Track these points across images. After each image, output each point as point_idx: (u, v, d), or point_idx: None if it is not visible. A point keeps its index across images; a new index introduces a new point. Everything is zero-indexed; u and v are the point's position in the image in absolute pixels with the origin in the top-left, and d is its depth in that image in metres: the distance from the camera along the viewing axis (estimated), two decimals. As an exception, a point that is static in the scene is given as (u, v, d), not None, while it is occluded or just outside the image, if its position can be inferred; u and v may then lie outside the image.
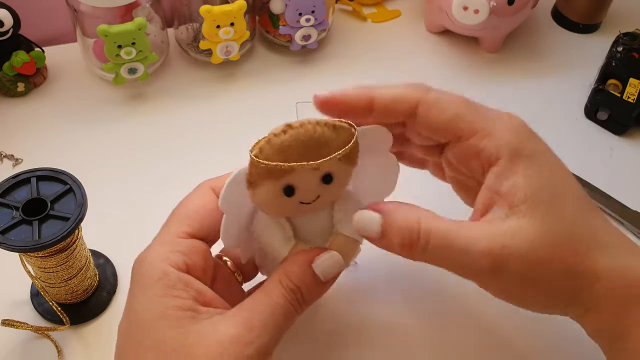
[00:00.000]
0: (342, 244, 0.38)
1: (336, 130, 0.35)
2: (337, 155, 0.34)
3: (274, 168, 0.34)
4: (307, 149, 0.34)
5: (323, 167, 0.35)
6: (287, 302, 0.35)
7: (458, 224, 0.36)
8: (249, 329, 0.34)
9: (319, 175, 0.35)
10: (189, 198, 0.39)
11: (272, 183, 0.35)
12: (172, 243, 0.37)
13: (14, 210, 0.41)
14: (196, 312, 0.34)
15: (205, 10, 0.58)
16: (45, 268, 0.43)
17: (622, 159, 0.61)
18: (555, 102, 0.66)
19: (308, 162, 0.34)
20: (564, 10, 0.73)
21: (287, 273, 0.36)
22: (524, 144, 0.36)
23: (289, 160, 0.34)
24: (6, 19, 0.58)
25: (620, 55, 0.63)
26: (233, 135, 0.60)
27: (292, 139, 0.34)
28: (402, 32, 0.72)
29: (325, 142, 0.34)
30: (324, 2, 0.62)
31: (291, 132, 0.34)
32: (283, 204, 0.36)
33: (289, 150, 0.34)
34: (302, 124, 0.34)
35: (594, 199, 0.56)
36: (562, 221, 0.35)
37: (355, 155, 0.36)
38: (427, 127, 0.38)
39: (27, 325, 0.45)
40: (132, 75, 0.60)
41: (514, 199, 0.35)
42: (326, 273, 0.36)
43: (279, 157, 0.34)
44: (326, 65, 0.68)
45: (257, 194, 0.35)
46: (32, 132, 0.59)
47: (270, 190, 0.35)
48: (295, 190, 0.35)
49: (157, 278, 0.35)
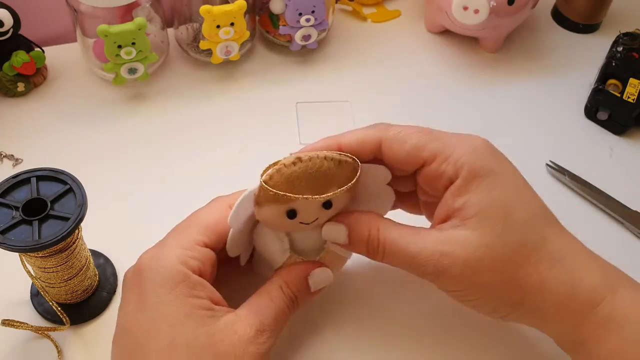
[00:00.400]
0: (332, 260, 0.43)
1: (341, 166, 0.39)
2: (342, 191, 0.38)
3: (282, 196, 0.37)
4: (313, 181, 0.38)
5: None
6: (286, 307, 0.40)
7: (412, 232, 0.40)
8: (261, 331, 0.38)
9: (320, 202, 0.39)
10: (208, 210, 0.42)
11: (277, 206, 0.38)
12: (191, 249, 0.39)
13: (14, 210, 0.41)
14: (213, 312, 0.38)
15: (205, 10, 0.58)
16: (45, 268, 0.43)
17: (622, 159, 0.61)
18: (555, 102, 0.66)
19: (313, 196, 0.38)
20: (564, 10, 0.73)
21: (287, 282, 0.41)
22: (479, 164, 0.39)
23: (296, 190, 0.37)
24: (6, 19, 0.58)
25: (620, 55, 0.63)
26: (233, 135, 0.60)
27: (300, 172, 0.37)
28: (402, 32, 0.72)
29: (331, 176, 0.38)
30: (324, 2, 0.62)
31: (300, 165, 0.37)
32: (284, 224, 0.40)
33: (296, 181, 0.37)
34: (311, 158, 0.38)
35: (594, 199, 0.57)
36: (508, 234, 0.38)
37: (356, 186, 0.40)
38: (393, 161, 0.41)
39: (27, 325, 0.45)
40: (132, 75, 0.60)
41: (465, 213, 0.39)
42: (317, 285, 0.42)
43: (287, 186, 0.37)
44: (326, 65, 0.68)
45: (262, 212, 0.39)
46: (32, 132, 0.59)
47: (275, 212, 0.39)
48: (297, 214, 0.39)
49: (180, 279, 0.38)
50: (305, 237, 0.42)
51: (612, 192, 0.57)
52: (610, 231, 0.55)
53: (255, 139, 0.60)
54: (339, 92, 0.64)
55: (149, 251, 0.40)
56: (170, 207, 0.54)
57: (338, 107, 0.63)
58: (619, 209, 0.56)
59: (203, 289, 0.38)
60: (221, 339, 0.37)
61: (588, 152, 0.61)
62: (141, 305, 0.37)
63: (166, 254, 0.39)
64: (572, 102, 0.65)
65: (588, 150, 0.62)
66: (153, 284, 0.38)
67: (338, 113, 0.62)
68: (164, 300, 0.37)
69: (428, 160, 0.41)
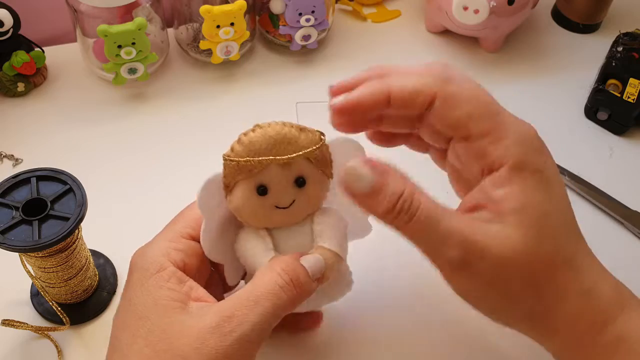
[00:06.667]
0: (324, 256, 0.38)
1: (303, 131, 0.37)
2: (305, 153, 0.36)
3: (244, 164, 0.36)
4: (275, 146, 0.36)
5: (293, 165, 0.37)
6: (273, 292, 0.35)
7: (445, 210, 0.36)
8: (229, 318, 0.34)
9: (291, 176, 0.37)
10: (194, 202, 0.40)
11: (245, 183, 0.37)
12: (174, 241, 0.38)
13: (14, 210, 0.41)
14: (185, 304, 0.35)
15: (205, 10, 0.58)
16: (45, 268, 0.43)
17: (622, 159, 0.61)
18: (555, 102, 0.66)
19: (275, 157, 0.36)
20: (564, 10, 0.73)
21: (274, 265, 0.36)
22: (529, 158, 0.36)
23: (259, 156, 0.36)
24: (6, 19, 0.58)
25: (620, 55, 0.63)
26: (233, 135, 0.60)
27: (259, 136, 0.36)
28: (402, 32, 0.72)
29: (293, 139, 0.36)
30: (324, 2, 0.62)
31: (259, 130, 0.36)
32: (258, 207, 0.37)
33: (257, 146, 0.36)
34: (270, 123, 0.36)
35: (594, 199, 0.56)
36: (544, 239, 0.36)
37: (328, 163, 0.38)
38: (439, 121, 0.37)
39: (27, 325, 0.45)
40: (132, 75, 0.60)
41: (504, 207, 0.35)
42: (313, 268, 0.37)
43: (249, 154, 0.36)
44: (326, 65, 0.68)
45: (233, 198, 0.37)
46: (32, 132, 0.59)
47: (244, 190, 0.37)
48: (268, 189, 0.37)
49: (155, 271, 0.36)
50: (289, 235, 0.39)
51: (612, 192, 0.57)
52: (610, 231, 0.55)
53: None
54: (339, 92, 0.64)
55: (140, 247, 0.39)
56: (170, 206, 0.54)
57: (338, 107, 0.63)
58: (619, 209, 0.56)
59: (179, 282, 0.36)
60: (179, 330, 0.34)
61: (588, 152, 0.61)
62: (123, 299, 0.37)
63: (152, 248, 0.38)
64: (572, 102, 0.65)
65: (588, 150, 0.62)
66: (135, 277, 0.37)
67: (338, 113, 0.62)
68: (136, 293, 0.36)
69: (477, 134, 0.36)
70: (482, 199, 0.36)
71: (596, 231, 0.53)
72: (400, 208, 0.35)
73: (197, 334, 0.33)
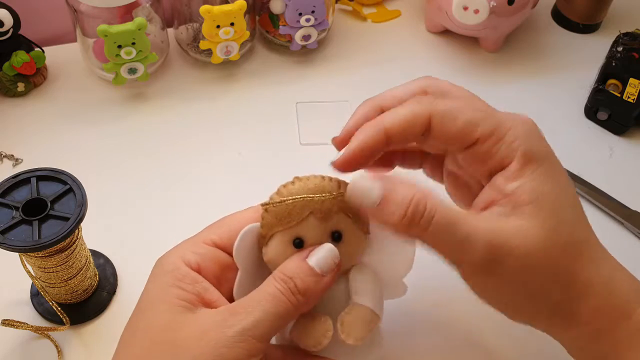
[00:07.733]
0: (360, 314, 0.37)
1: (340, 185, 0.36)
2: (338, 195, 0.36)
3: (281, 212, 0.36)
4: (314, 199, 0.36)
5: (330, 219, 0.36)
6: (278, 291, 0.35)
7: (461, 211, 0.35)
8: (232, 314, 0.34)
9: (328, 230, 0.37)
10: (237, 213, 0.39)
11: (282, 235, 0.36)
12: (194, 245, 0.38)
13: (14, 210, 0.41)
14: (193, 305, 0.35)
15: (205, 10, 0.58)
16: (45, 268, 0.43)
17: (622, 159, 0.61)
18: (555, 102, 0.66)
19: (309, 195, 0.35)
20: (564, 10, 0.73)
21: (280, 269, 0.36)
22: (534, 148, 0.36)
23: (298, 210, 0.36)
24: (6, 19, 0.58)
25: (620, 55, 0.63)
26: (233, 135, 0.60)
27: (299, 188, 0.36)
28: (402, 32, 0.72)
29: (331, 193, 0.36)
30: (324, 2, 0.62)
31: (298, 183, 0.36)
32: None
33: None
34: (309, 177, 0.36)
35: (594, 199, 0.56)
36: (563, 228, 0.35)
37: (365, 219, 0.37)
38: (442, 139, 0.38)
39: (27, 325, 0.45)
40: (132, 75, 0.60)
41: (519, 200, 0.35)
42: (321, 263, 0.36)
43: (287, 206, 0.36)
44: (326, 65, 0.68)
45: (268, 250, 0.37)
46: (32, 132, 0.59)
47: (281, 243, 0.36)
48: (304, 242, 0.36)
49: (169, 270, 0.36)
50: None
51: (612, 192, 0.57)
52: (610, 231, 0.55)
53: (255, 139, 0.60)
54: (339, 92, 0.64)
55: None
56: (170, 206, 0.55)
57: (338, 107, 0.63)
58: (619, 209, 0.56)
59: (192, 283, 0.35)
60: (180, 327, 0.34)
61: (588, 152, 0.61)
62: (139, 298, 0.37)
63: (171, 251, 0.38)
64: (572, 102, 0.65)
65: (588, 150, 0.62)
66: (150, 276, 0.37)
67: (338, 113, 0.62)
68: (147, 289, 0.36)
69: (481, 139, 0.37)
70: (494, 196, 0.36)
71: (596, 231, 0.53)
72: (413, 212, 0.34)
73: (200, 327, 0.34)
